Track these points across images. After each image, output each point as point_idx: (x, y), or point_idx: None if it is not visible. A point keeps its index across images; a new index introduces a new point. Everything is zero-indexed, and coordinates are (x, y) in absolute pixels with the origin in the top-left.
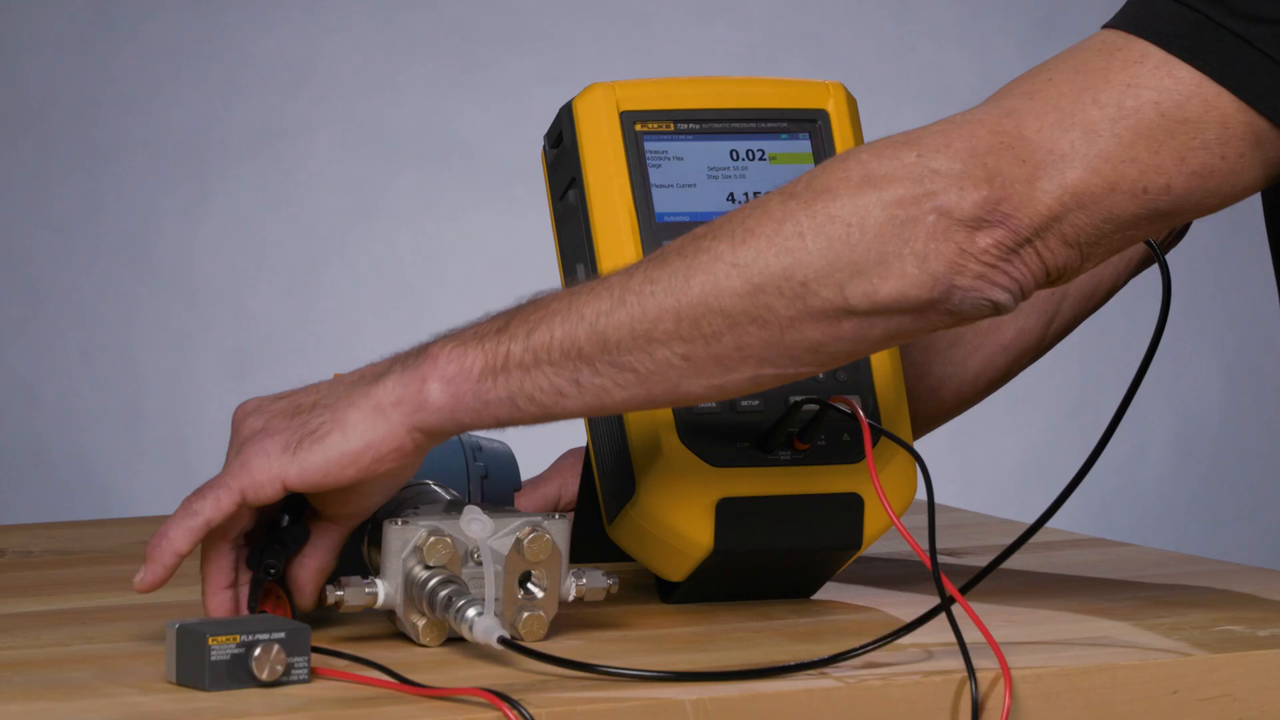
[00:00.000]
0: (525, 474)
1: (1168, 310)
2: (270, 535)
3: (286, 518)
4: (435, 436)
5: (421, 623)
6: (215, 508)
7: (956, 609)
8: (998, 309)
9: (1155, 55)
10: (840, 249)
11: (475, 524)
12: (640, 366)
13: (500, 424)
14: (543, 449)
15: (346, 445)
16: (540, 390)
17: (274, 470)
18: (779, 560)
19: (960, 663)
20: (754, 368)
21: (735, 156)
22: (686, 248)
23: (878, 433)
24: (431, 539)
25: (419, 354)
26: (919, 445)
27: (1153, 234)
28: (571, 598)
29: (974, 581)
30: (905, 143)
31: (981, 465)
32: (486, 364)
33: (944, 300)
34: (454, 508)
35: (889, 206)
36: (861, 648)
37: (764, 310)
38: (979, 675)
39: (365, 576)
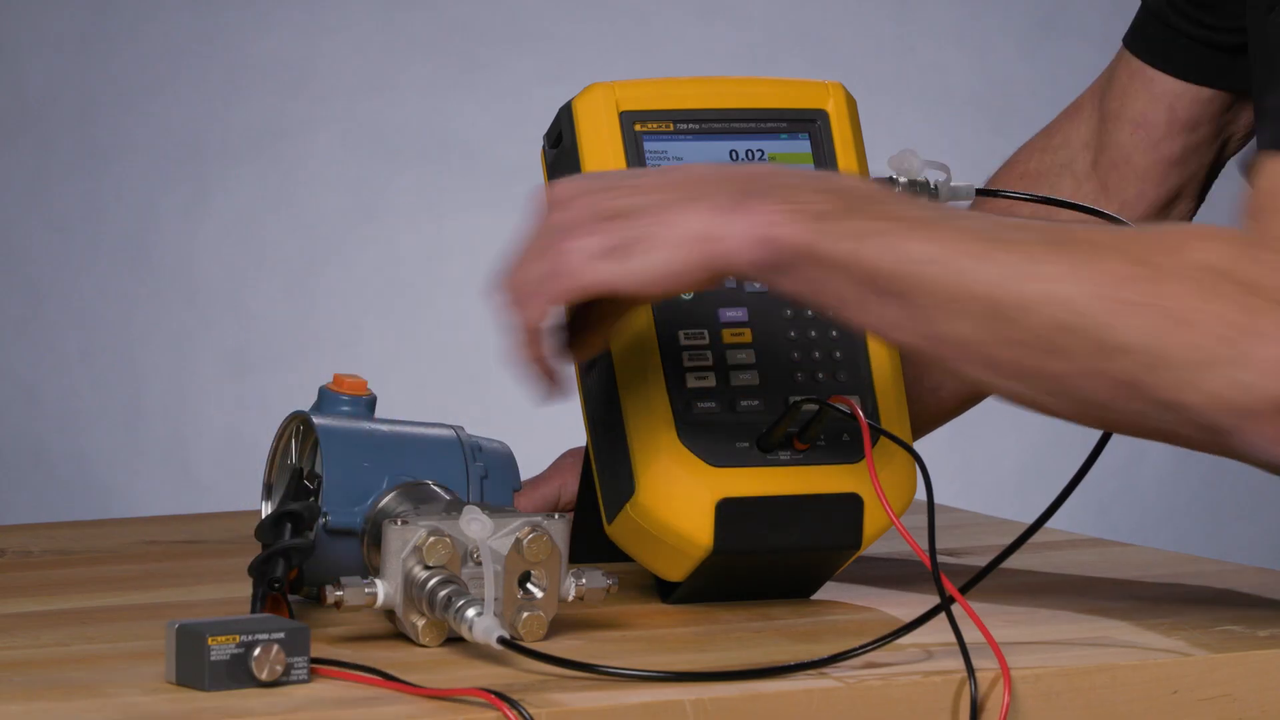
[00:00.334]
0: (525, 474)
1: None
2: (274, 548)
3: (290, 528)
4: (730, 275)
5: (421, 623)
6: (534, 296)
7: (956, 609)
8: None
9: None
10: (1163, 339)
11: (475, 524)
12: (936, 326)
13: (786, 296)
14: (543, 449)
15: (655, 266)
16: (836, 291)
17: (586, 275)
18: (779, 560)
19: (960, 663)
20: (1020, 385)
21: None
22: (1035, 249)
23: (877, 433)
24: (431, 539)
25: (761, 190)
26: (919, 446)
27: None
28: (571, 598)
29: (973, 581)
30: (1265, 245)
31: (981, 465)
32: (806, 246)
33: (1235, 433)
34: (454, 508)
35: (1230, 324)
36: (861, 648)
37: (1063, 348)
38: (979, 675)
39: (365, 577)
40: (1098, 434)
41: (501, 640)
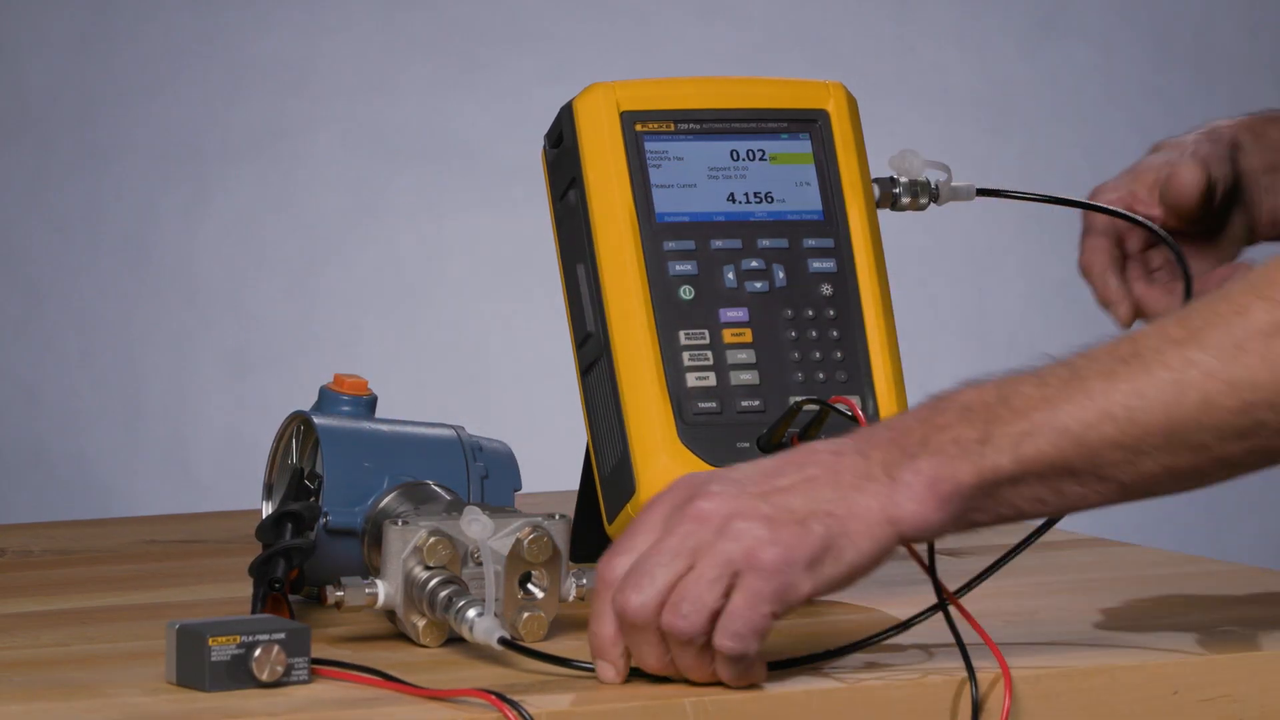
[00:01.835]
0: (525, 474)
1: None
2: (274, 548)
3: (290, 528)
4: (919, 542)
5: (422, 623)
6: (755, 637)
7: (954, 611)
8: None
9: None
10: None
11: (475, 524)
12: (1123, 477)
13: (975, 528)
14: (543, 449)
15: (860, 560)
16: (1024, 500)
17: (801, 588)
18: None
19: (960, 663)
20: (1229, 470)
21: (735, 156)
22: (1170, 357)
23: None
24: (432, 539)
25: (899, 458)
26: None
27: None
28: (572, 598)
29: (970, 586)
30: None
31: None
32: (978, 481)
33: None
34: (454, 508)
35: None
36: (852, 645)
37: (1254, 425)
38: (979, 675)
39: (365, 577)
40: None
41: (502, 640)
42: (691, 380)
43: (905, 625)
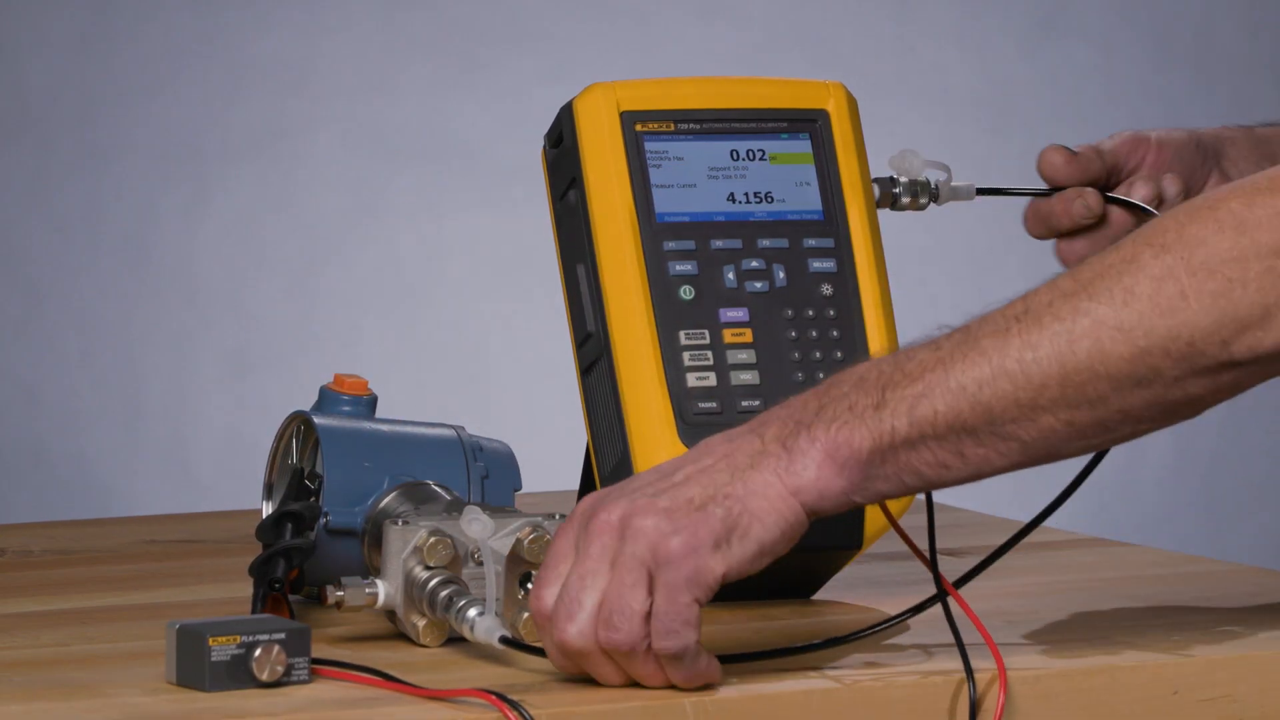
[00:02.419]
0: (525, 474)
1: None
2: (274, 548)
3: (290, 528)
4: (824, 514)
5: (422, 623)
6: (689, 628)
7: (954, 607)
8: None
9: None
10: (1224, 305)
11: (476, 524)
12: (1024, 435)
13: (882, 498)
14: (543, 449)
15: (767, 536)
16: (925, 464)
17: (714, 570)
18: (779, 560)
19: (959, 663)
20: (1133, 425)
21: (735, 156)
22: (1061, 309)
23: None
24: (432, 539)
25: (794, 429)
26: None
27: None
28: None
29: (970, 576)
30: (1272, 189)
31: None
32: (874, 445)
33: None
34: (454, 508)
35: (1266, 257)
36: (851, 635)
37: (1150, 372)
38: (977, 675)
39: (366, 577)
40: None
41: (504, 640)
42: (692, 380)
43: (902, 617)
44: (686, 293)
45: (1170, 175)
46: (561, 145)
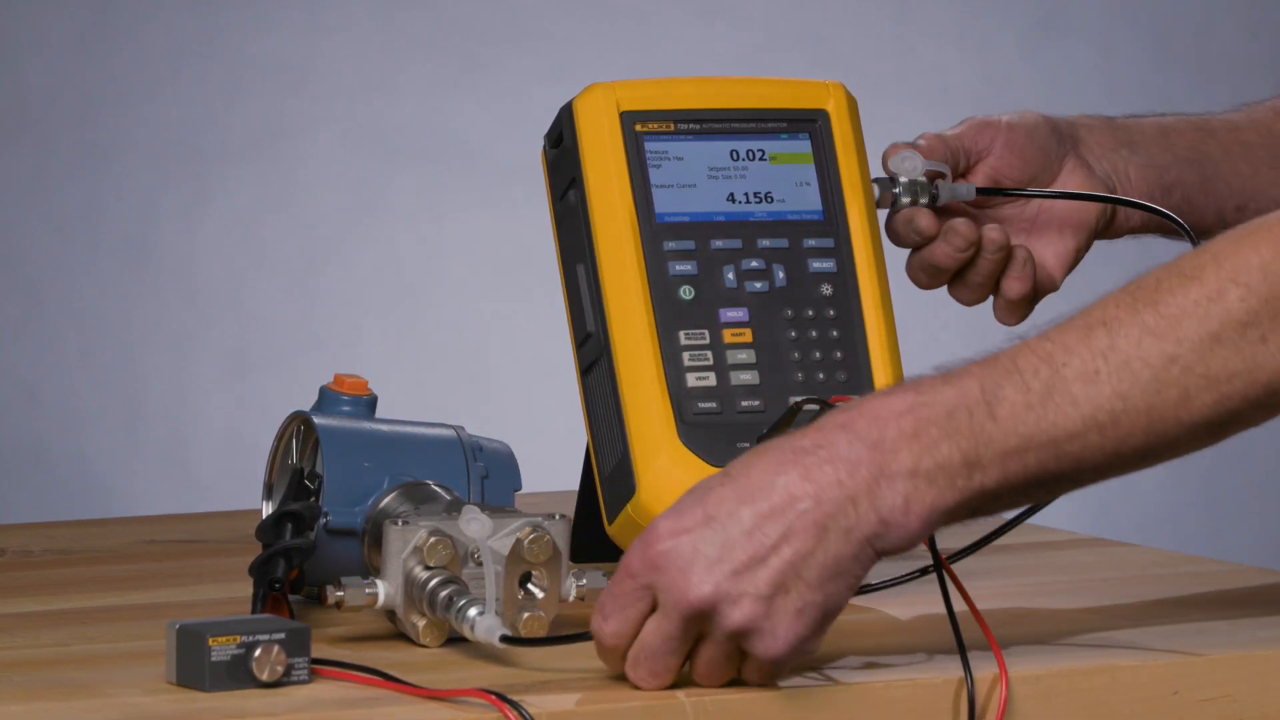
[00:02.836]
0: (525, 474)
1: None
2: (274, 548)
3: (290, 528)
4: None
5: (422, 623)
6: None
7: (957, 605)
8: None
9: None
10: None
11: (474, 524)
12: (1099, 478)
13: (948, 525)
14: (543, 449)
15: (849, 594)
16: (999, 507)
17: (811, 647)
18: None
19: (954, 665)
20: (1178, 456)
21: (735, 156)
22: (1150, 351)
23: None
24: (432, 539)
25: (882, 478)
26: None
27: None
28: (572, 598)
29: (966, 553)
30: None
31: None
32: (961, 504)
33: None
34: (454, 508)
35: None
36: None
37: (1227, 416)
38: (979, 676)
39: (365, 577)
40: None
41: (504, 638)
42: (691, 380)
43: (898, 581)
44: (686, 293)
45: (992, 227)
46: (561, 145)
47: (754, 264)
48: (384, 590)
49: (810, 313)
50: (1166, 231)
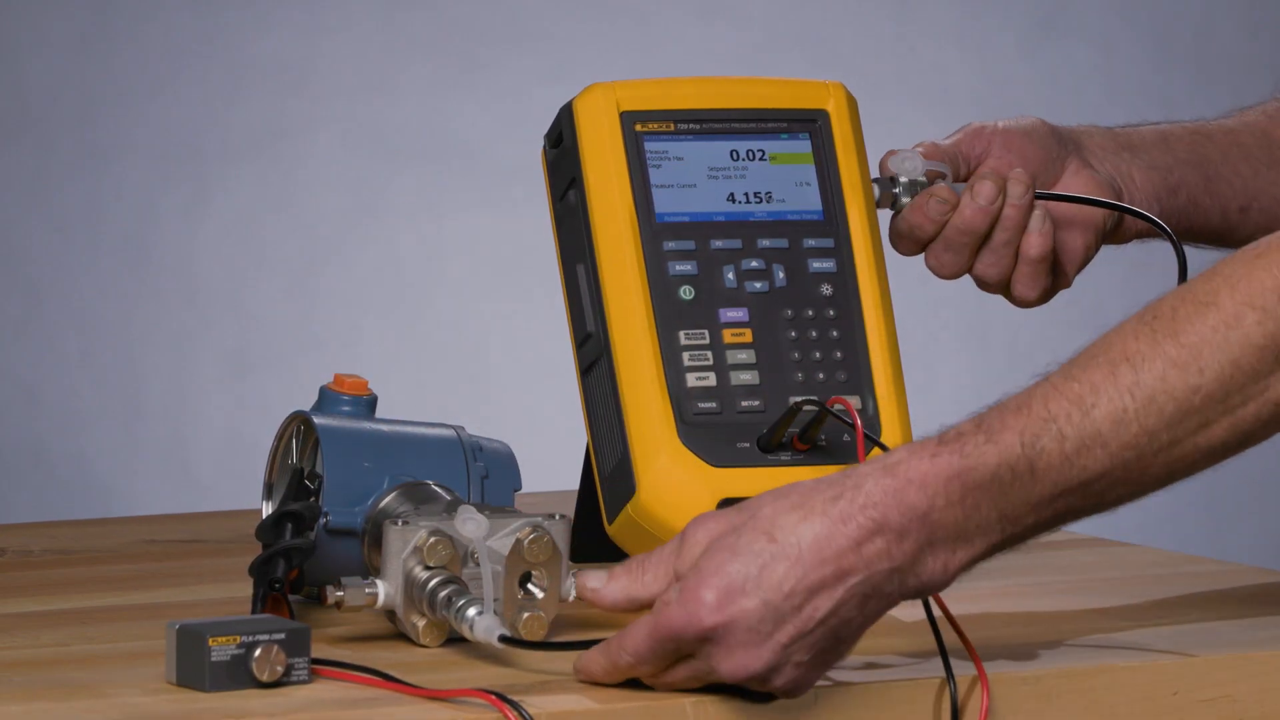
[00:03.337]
0: (525, 474)
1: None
2: (274, 548)
3: (290, 528)
4: None
5: (422, 623)
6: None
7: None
8: None
9: None
10: None
11: (470, 524)
12: (1116, 507)
13: None
14: (543, 449)
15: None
16: (1022, 544)
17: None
18: None
19: (960, 665)
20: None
21: (735, 156)
22: (1176, 386)
23: (871, 443)
24: (432, 539)
25: (928, 548)
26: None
27: None
28: (571, 598)
29: None
30: None
31: None
32: (991, 553)
33: None
34: (454, 508)
35: None
36: None
37: (1241, 438)
38: (975, 676)
39: (365, 577)
40: None
41: (503, 638)
42: (691, 380)
43: None
44: (686, 293)
45: (1017, 171)
46: (561, 145)
47: (754, 264)
48: (384, 590)
49: (810, 313)
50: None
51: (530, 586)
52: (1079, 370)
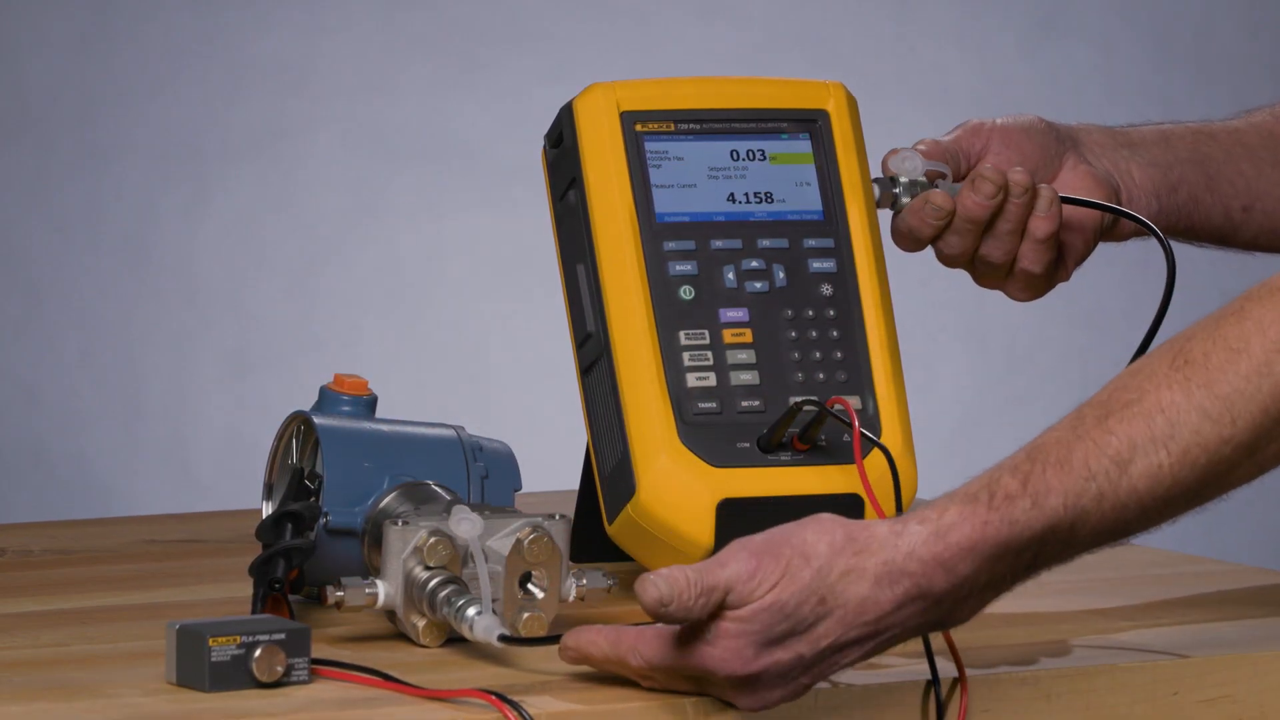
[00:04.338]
0: (525, 473)
1: (1168, 302)
2: (274, 548)
3: (290, 528)
4: None
5: (422, 623)
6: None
7: None
8: None
9: None
10: None
11: (465, 524)
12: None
13: None
14: (543, 449)
15: None
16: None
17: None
18: None
19: (957, 666)
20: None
21: (735, 156)
22: (1207, 435)
23: (870, 444)
24: (432, 539)
25: (960, 603)
26: (921, 442)
27: None
28: (572, 598)
29: None
30: None
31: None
32: (1016, 585)
33: None
34: (454, 508)
35: None
36: None
37: (1263, 463)
38: (970, 677)
39: (365, 577)
40: None
41: (503, 638)
42: (691, 380)
43: None
44: (686, 293)
45: (1019, 168)
46: (561, 145)
47: (754, 264)
48: (384, 590)
49: (810, 313)
50: (1173, 232)
51: (530, 586)
52: (1115, 423)
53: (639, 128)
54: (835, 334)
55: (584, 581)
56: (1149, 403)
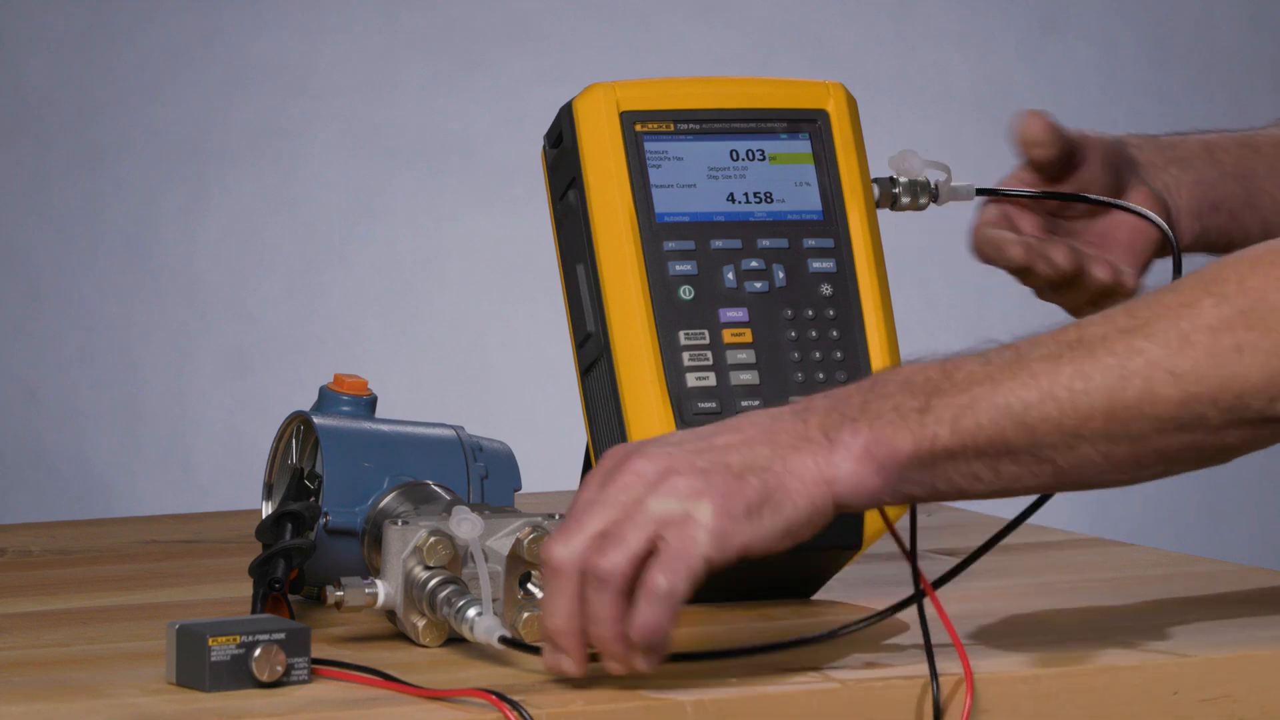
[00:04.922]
0: (525, 473)
1: None
2: (274, 548)
3: (290, 528)
4: (851, 510)
5: (422, 623)
6: (688, 577)
7: (929, 610)
8: None
9: None
10: (1276, 363)
11: (464, 524)
12: (1061, 460)
13: (911, 501)
14: (543, 449)
15: (796, 516)
16: (960, 475)
17: (738, 536)
18: (779, 560)
19: (958, 665)
20: (1165, 465)
21: (735, 156)
22: (1116, 344)
23: None
24: (432, 539)
25: (839, 420)
26: None
27: None
28: None
29: (948, 577)
30: None
31: None
32: (915, 449)
33: None
34: (454, 508)
35: None
36: (831, 633)
37: (1194, 419)
38: (979, 676)
39: (365, 577)
40: None
41: (503, 639)
42: (691, 380)
43: (869, 621)
44: (686, 293)
45: (1128, 270)
46: (561, 145)
47: (754, 264)
48: (384, 590)
49: (810, 313)
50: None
51: (530, 586)
52: (1028, 335)
53: (639, 128)
54: (835, 334)
55: None
56: (1068, 323)
